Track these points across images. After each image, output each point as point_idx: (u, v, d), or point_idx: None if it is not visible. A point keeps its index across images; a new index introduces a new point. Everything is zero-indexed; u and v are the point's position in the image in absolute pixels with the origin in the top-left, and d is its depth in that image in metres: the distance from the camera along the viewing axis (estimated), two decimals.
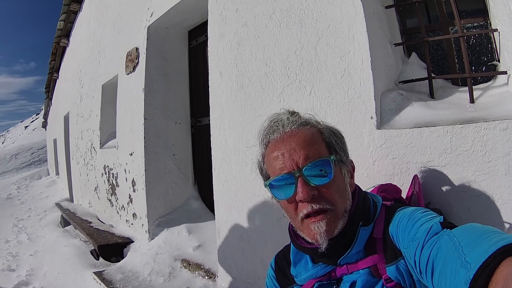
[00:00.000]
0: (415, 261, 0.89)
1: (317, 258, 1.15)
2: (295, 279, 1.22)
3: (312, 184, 1.02)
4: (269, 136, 1.14)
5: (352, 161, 1.21)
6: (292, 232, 1.19)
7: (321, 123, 1.18)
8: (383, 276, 1.03)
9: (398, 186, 1.55)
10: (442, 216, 0.94)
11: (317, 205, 1.01)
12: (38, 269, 4.21)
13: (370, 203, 1.17)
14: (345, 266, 1.09)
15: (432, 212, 1.01)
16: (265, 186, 1.11)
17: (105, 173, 5.45)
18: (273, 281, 1.34)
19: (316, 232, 1.02)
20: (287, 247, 1.31)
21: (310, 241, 1.07)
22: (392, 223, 1.06)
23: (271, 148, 1.11)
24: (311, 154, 1.04)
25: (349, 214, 1.07)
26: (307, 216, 1.03)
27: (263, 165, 1.18)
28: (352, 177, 1.18)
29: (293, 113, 1.17)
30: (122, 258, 3.96)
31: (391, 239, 1.05)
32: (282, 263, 1.32)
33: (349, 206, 1.08)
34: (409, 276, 0.99)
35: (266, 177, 1.17)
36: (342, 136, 1.19)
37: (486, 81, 1.75)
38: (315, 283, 1.14)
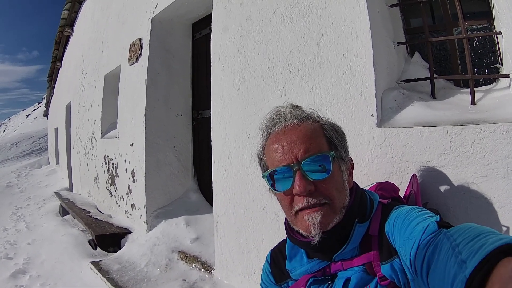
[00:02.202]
0: (410, 260, 0.88)
1: (312, 253, 1.15)
2: (290, 274, 1.22)
3: (310, 179, 1.02)
4: (271, 128, 1.14)
5: (351, 159, 1.21)
6: (288, 226, 1.18)
7: (323, 118, 1.18)
8: (377, 274, 1.03)
9: (396, 185, 1.55)
10: (438, 216, 0.94)
11: (314, 200, 1.02)
12: (35, 257, 4.23)
13: (367, 200, 1.17)
14: (340, 262, 1.09)
15: (428, 211, 1.01)
16: (263, 177, 1.12)
17: (105, 163, 5.47)
18: (268, 275, 1.35)
19: (310, 223, 1.02)
20: (283, 242, 1.31)
21: (304, 234, 1.07)
22: (388, 221, 1.06)
23: (271, 140, 1.11)
24: (311, 148, 1.04)
25: (345, 211, 1.07)
26: (302, 209, 1.04)
27: (263, 156, 1.18)
28: (350, 174, 1.18)
29: (296, 107, 1.17)
30: (120, 248, 3.98)
31: (386, 237, 1.05)
32: (277, 257, 1.33)
33: (347, 203, 1.08)
34: (404, 275, 0.99)
35: (264, 168, 1.17)
36: (344, 133, 1.19)
37: (488, 84, 1.74)
38: (310, 278, 1.14)
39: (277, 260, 1.33)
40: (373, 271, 1.05)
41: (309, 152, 1.03)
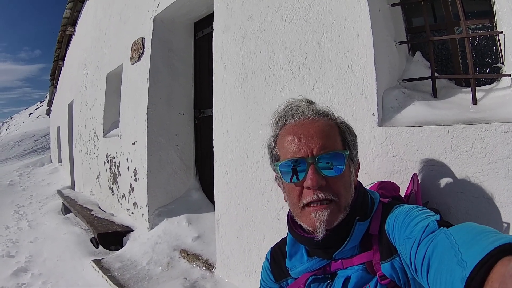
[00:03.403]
0: (410, 259, 0.88)
1: (312, 251, 1.16)
2: (290, 272, 1.23)
3: (323, 174, 1.03)
4: (287, 119, 1.15)
5: (359, 161, 1.22)
6: (291, 220, 1.19)
7: (337, 117, 1.19)
8: (377, 273, 1.04)
9: (397, 184, 1.55)
10: (438, 215, 0.94)
11: (323, 195, 1.02)
12: (37, 255, 4.23)
13: (368, 199, 1.17)
14: (340, 261, 1.10)
15: (428, 210, 1.01)
16: (275, 166, 1.13)
17: (107, 162, 5.48)
18: (268, 273, 1.35)
19: (317, 219, 1.03)
20: (284, 240, 1.32)
21: (307, 229, 1.08)
22: (388, 220, 1.07)
23: (287, 131, 1.11)
24: (327, 145, 1.04)
25: (349, 209, 1.08)
26: (310, 204, 1.04)
27: (275, 146, 1.18)
28: (356, 175, 1.19)
29: (311, 102, 1.18)
30: (122, 246, 3.99)
31: (387, 236, 1.05)
32: (277, 255, 1.33)
33: (350, 202, 1.09)
34: (404, 274, 1.00)
35: (275, 158, 1.17)
36: (356, 135, 1.20)
37: (490, 83, 1.74)
38: (310, 276, 1.15)
39: (277, 258, 1.33)
40: (373, 270, 1.05)
41: (325, 149, 1.04)
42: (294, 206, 1.11)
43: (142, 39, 4.37)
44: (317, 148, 1.03)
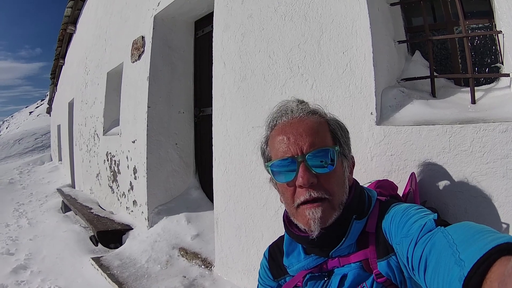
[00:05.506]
0: (407, 258, 0.88)
1: (309, 249, 1.16)
2: (287, 270, 1.23)
3: (313, 172, 1.02)
4: (277, 120, 1.15)
5: (353, 157, 1.22)
6: (287, 219, 1.19)
7: (328, 114, 1.19)
8: (374, 271, 1.04)
9: (395, 183, 1.55)
10: (436, 214, 0.94)
11: (316, 193, 1.02)
12: (37, 253, 4.23)
13: (365, 197, 1.17)
14: (336, 259, 1.10)
15: (426, 209, 1.01)
16: (267, 167, 1.13)
17: (107, 160, 5.48)
18: (266, 271, 1.36)
19: (310, 218, 1.03)
20: (281, 238, 1.32)
21: (303, 228, 1.08)
22: (385, 218, 1.07)
23: (277, 131, 1.12)
24: (316, 142, 1.04)
25: (344, 207, 1.08)
26: (304, 203, 1.04)
27: (266, 147, 1.18)
28: (351, 172, 1.19)
29: (302, 102, 1.18)
30: (121, 244, 4.00)
31: (383, 234, 1.05)
32: (275, 253, 1.33)
33: (345, 199, 1.09)
34: (400, 273, 1.00)
35: (267, 159, 1.17)
36: (348, 131, 1.20)
37: (489, 83, 1.74)
38: (306, 274, 1.15)
39: (274, 256, 1.33)
40: (370, 268, 1.05)
41: (314, 146, 1.03)
42: (289, 206, 1.11)
43: (143, 37, 4.38)
44: (306, 145, 1.03)
